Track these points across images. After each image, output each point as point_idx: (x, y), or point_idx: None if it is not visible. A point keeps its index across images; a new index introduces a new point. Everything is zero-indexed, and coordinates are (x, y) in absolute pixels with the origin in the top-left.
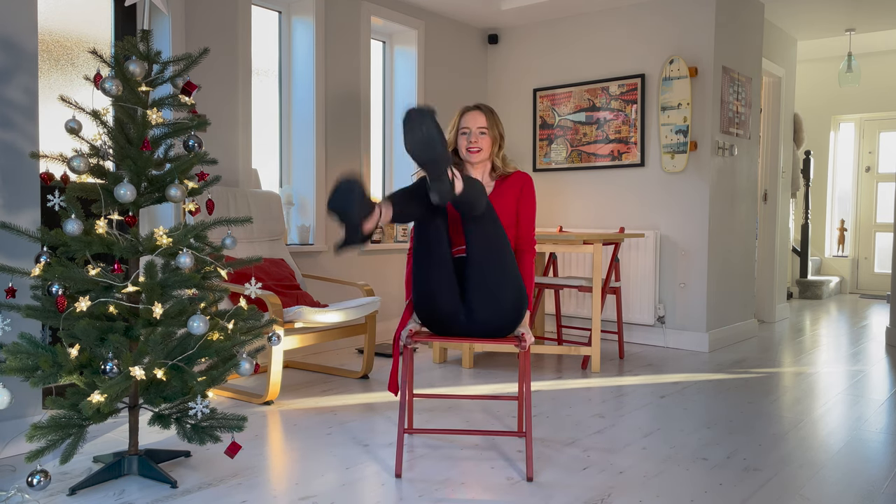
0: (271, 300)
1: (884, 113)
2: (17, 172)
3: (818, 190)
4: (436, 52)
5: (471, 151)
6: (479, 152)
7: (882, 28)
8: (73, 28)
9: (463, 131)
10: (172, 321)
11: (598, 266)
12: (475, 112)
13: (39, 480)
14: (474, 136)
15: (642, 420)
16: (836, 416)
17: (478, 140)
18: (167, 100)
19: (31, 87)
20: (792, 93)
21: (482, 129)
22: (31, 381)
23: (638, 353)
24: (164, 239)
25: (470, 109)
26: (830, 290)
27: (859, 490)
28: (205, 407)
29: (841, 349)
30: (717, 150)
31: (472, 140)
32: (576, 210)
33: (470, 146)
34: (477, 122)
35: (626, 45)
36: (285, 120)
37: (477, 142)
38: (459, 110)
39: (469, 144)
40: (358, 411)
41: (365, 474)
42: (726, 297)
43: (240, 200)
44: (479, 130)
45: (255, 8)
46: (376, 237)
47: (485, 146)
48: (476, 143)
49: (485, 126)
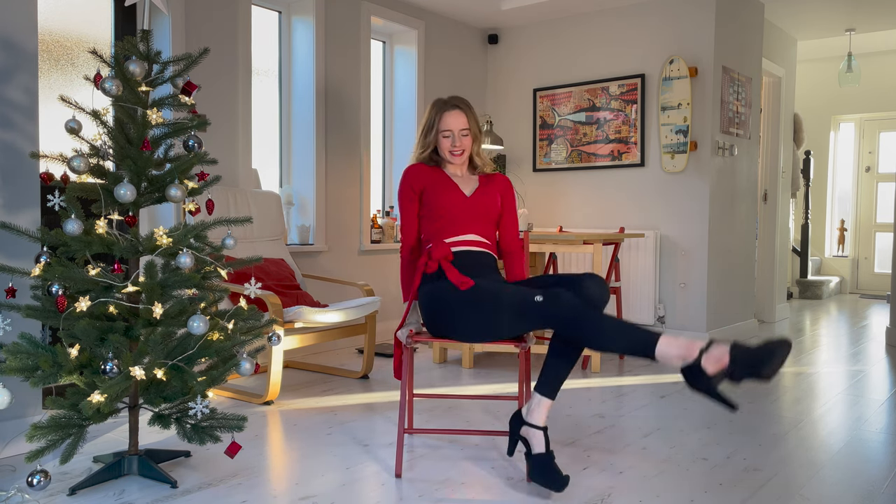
0: (271, 300)
1: (884, 113)
2: (17, 172)
3: (818, 190)
4: (436, 52)
5: (454, 154)
6: (462, 154)
7: (882, 28)
8: (73, 28)
9: (445, 134)
10: (172, 321)
11: (598, 266)
12: (455, 113)
13: (39, 480)
14: (457, 139)
15: (642, 420)
16: (836, 416)
17: (461, 142)
18: (167, 100)
19: (31, 87)
20: (792, 93)
21: (464, 131)
22: (31, 381)
23: None
24: (164, 239)
25: (448, 108)
26: (830, 290)
27: (859, 490)
28: (205, 407)
29: (841, 349)
30: (717, 150)
31: (455, 144)
32: (576, 210)
33: (453, 149)
34: (459, 123)
35: (626, 45)
36: (285, 120)
37: (460, 144)
38: (434, 106)
39: (452, 148)
40: (358, 411)
41: (365, 474)
42: (726, 297)
43: (240, 200)
44: (461, 133)
45: (255, 8)
46: (376, 237)
47: (467, 147)
48: (459, 145)
49: (467, 127)
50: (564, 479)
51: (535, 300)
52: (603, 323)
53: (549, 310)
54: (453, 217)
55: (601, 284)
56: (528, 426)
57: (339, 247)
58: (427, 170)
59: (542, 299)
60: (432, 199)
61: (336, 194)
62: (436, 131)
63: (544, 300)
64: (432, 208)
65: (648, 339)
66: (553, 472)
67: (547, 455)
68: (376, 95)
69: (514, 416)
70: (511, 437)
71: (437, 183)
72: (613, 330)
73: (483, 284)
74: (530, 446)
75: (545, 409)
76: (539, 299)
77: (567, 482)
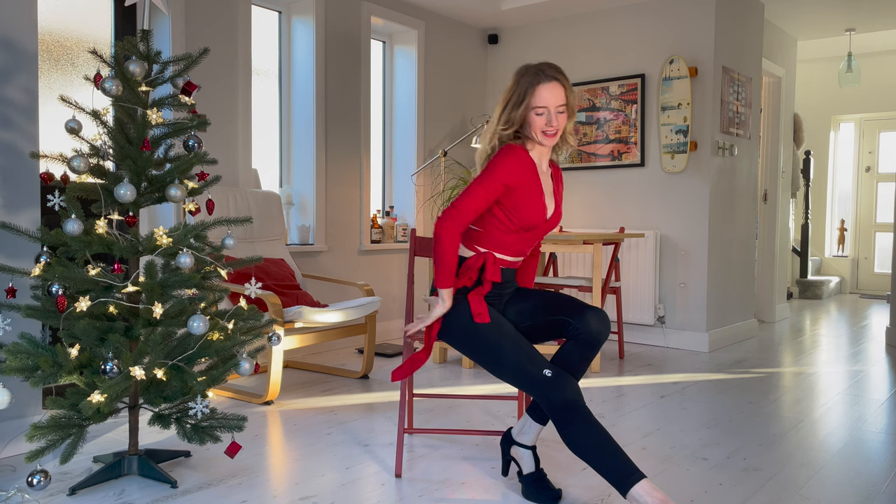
0: (271, 300)
1: (884, 113)
2: (17, 172)
3: (818, 190)
4: (436, 52)
5: (547, 135)
6: (555, 135)
7: (882, 28)
8: (73, 28)
9: (538, 111)
10: (172, 321)
11: (598, 266)
12: (553, 85)
13: (39, 480)
14: (553, 117)
15: (642, 420)
16: (836, 416)
17: (556, 121)
18: (167, 100)
19: (31, 87)
20: (792, 93)
21: (561, 108)
22: (31, 381)
23: (638, 353)
24: (164, 239)
25: (544, 79)
26: (830, 290)
27: (859, 490)
28: (205, 407)
29: (841, 349)
30: (717, 150)
31: (550, 122)
32: (576, 210)
33: (547, 129)
34: (557, 99)
35: (626, 45)
36: (285, 120)
37: (556, 123)
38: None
39: (546, 127)
40: (358, 411)
41: (365, 474)
42: (726, 297)
43: (240, 200)
44: (557, 110)
45: (255, 8)
46: (376, 237)
47: (562, 127)
48: (556, 125)
49: (564, 103)
50: (557, 492)
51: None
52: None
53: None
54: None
55: (604, 320)
56: (517, 446)
57: (339, 247)
58: (527, 163)
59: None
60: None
61: (336, 194)
62: (525, 106)
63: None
64: (511, 217)
65: (627, 474)
66: (546, 489)
67: (537, 473)
68: (376, 95)
69: (505, 436)
70: (504, 456)
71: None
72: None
73: (496, 329)
74: (520, 466)
75: (536, 432)
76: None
77: (560, 495)
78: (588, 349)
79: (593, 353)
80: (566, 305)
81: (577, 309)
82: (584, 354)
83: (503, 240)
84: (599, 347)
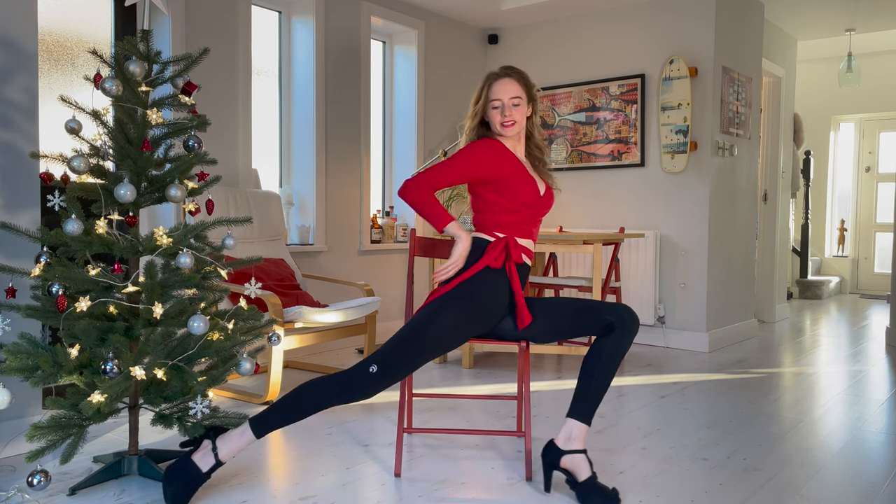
0: (271, 300)
1: (884, 113)
2: (17, 172)
3: (818, 190)
4: (436, 53)
5: (505, 126)
6: (513, 125)
7: (882, 28)
8: (73, 28)
9: (494, 105)
10: (172, 321)
11: (598, 266)
12: (505, 81)
13: (39, 480)
14: (507, 110)
15: (642, 420)
16: (836, 416)
17: (511, 113)
18: (167, 100)
19: (31, 87)
20: (792, 93)
21: (515, 101)
22: (31, 381)
23: (638, 353)
24: (164, 239)
25: (498, 77)
26: (830, 290)
27: (859, 490)
28: (205, 407)
29: (841, 349)
30: (717, 150)
31: (505, 114)
32: (576, 210)
33: (504, 121)
34: (509, 92)
35: (626, 45)
36: (285, 120)
37: (511, 114)
38: (486, 78)
39: (503, 119)
40: (358, 411)
41: (365, 474)
42: (726, 297)
43: (240, 200)
44: (512, 102)
45: (255, 8)
46: (376, 237)
47: (519, 118)
48: (510, 116)
49: (518, 96)
50: (614, 490)
51: (369, 369)
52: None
53: (359, 380)
54: (526, 216)
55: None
56: (571, 454)
57: (339, 247)
58: (504, 152)
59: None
60: (509, 187)
61: (336, 194)
62: (485, 101)
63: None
64: (510, 199)
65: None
66: (604, 490)
67: (593, 476)
68: (376, 95)
69: (548, 448)
70: (546, 470)
71: (514, 172)
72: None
73: (451, 313)
74: (575, 474)
75: (583, 433)
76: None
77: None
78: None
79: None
80: (599, 306)
81: (609, 308)
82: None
83: (511, 220)
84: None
